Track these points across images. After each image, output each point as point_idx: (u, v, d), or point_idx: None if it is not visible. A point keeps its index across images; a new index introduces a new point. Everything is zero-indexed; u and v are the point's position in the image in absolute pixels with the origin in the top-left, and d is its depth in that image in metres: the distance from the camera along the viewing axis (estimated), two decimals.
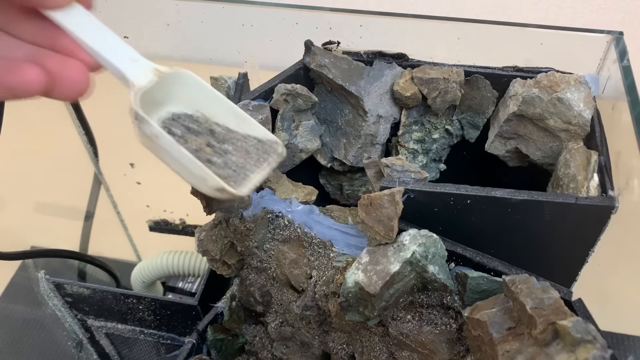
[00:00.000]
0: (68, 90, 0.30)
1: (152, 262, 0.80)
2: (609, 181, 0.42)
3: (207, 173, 0.33)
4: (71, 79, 0.30)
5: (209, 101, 0.36)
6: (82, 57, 0.31)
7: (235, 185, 0.35)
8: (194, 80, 0.36)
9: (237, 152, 0.36)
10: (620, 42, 0.50)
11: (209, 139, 0.36)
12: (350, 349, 0.50)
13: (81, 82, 0.31)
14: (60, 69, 0.30)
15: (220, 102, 0.36)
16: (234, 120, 0.37)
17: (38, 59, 0.30)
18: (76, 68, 0.31)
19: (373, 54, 0.53)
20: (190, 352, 0.55)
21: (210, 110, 0.36)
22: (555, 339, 0.32)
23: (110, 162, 0.87)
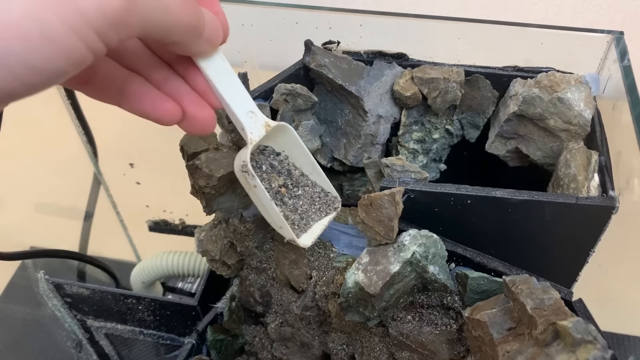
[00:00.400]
0: (196, 128, 0.34)
1: (151, 262, 0.79)
2: (609, 181, 0.42)
3: (286, 226, 0.40)
4: (201, 119, 0.34)
5: (293, 146, 0.42)
6: (212, 100, 0.35)
7: (298, 231, 0.42)
8: (291, 133, 0.41)
9: (305, 198, 0.43)
10: (621, 42, 0.49)
11: (286, 180, 0.42)
12: (350, 349, 0.50)
13: (209, 124, 0.35)
14: (194, 110, 0.34)
15: (302, 151, 0.42)
16: (309, 168, 0.43)
17: (176, 93, 0.34)
18: (207, 111, 0.35)
19: (373, 54, 0.53)
20: (190, 353, 0.55)
21: (292, 153, 0.43)
22: (555, 340, 0.31)
23: (110, 162, 0.87)
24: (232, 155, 0.45)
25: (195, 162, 0.43)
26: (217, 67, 0.34)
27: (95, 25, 0.23)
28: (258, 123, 0.38)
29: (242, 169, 0.39)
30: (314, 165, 0.43)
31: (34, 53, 0.22)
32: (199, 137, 0.45)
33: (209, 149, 0.44)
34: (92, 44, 0.24)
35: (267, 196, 0.39)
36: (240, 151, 0.39)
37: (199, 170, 0.43)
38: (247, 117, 0.38)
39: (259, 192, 0.40)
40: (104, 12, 0.23)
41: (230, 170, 0.44)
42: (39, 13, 0.22)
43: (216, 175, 0.44)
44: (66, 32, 0.23)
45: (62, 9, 0.22)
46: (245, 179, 0.40)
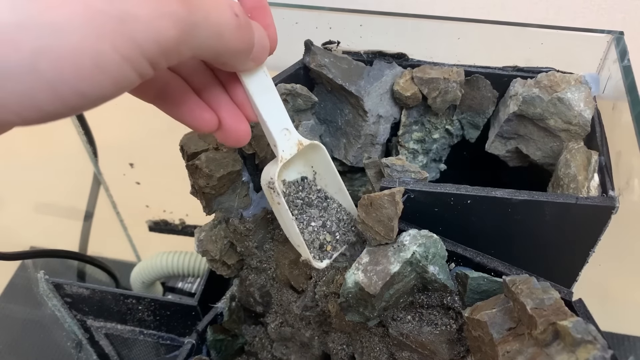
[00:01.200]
0: (230, 140, 0.34)
1: (151, 262, 0.79)
2: (609, 181, 0.42)
3: (303, 246, 0.41)
4: (236, 132, 0.34)
5: (322, 164, 0.43)
6: (249, 113, 0.35)
7: (316, 253, 0.42)
8: (322, 152, 0.42)
9: (328, 225, 0.43)
10: (621, 42, 0.49)
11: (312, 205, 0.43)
12: (350, 349, 0.50)
13: (243, 137, 0.35)
14: (230, 122, 0.34)
15: (330, 170, 0.43)
16: (335, 188, 0.43)
17: (215, 102, 0.34)
18: (243, 125, 0.35)
19: (373, 54, 0.53)
20: (190, 353, 0.55)
21: (320, 170, 0.43)
22: (555, 340, 0.31)
23: (110, 162, 0.87)
24: (232, 155, 0.45)
25: (195, 162, 0.43)
26: (258, 82, 0.34)
27: (148, 55, 0.24)
28: (291, 141, 0.38)
29: (269, 185, 0.39)
30: (341, 186, 0.43)
31: (85, 81, 0.22)
32: (199, 137, 0.45)
33: (209, 149, 0.44)
34: (142, 71, 0.24)
35: (290, 215, 0.40)
36: (270, 166, 0.39)
37: (199, 170, 0.43)
38: (281, 135, 0.38)
39: (282, 210, 0.40)
40: (158, 42, 0.23)
41: (230, 170, 0.44)
42: (95, 45, 0.22)
43: (216, 175, 0.44)
44: (119, 62, 0.23)
45: (118, 40, 0.22)
46: (270, 194, 0.40)
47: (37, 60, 0.21)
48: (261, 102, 0.35)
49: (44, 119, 0.24)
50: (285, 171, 0.41)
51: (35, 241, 0.92)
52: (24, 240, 0.93)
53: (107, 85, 0.23)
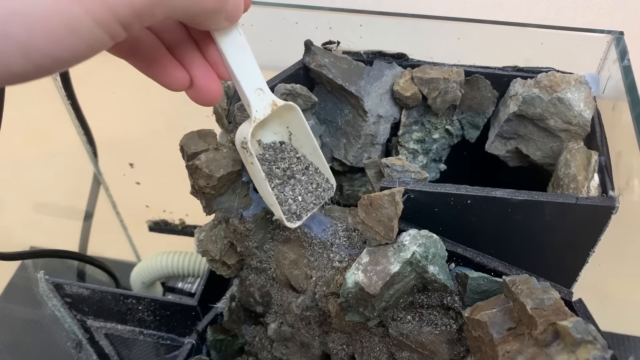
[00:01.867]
0: (202, 99, 0.34)
1: (151, 262, 0.79)
2: (609, 181, 0.42)
3: (276, 205, 0.41)
4: (208, 91, 0.34)
5: (297, 126, 0.42)
6: (221, 72, 0.35)
7: (289, 215, 0.42)
8: (297, 113, 0.41)
9: (302, 185, 0.43)
10: (621, 42, 0.49)
11: (286, 166, 0.43)
12: (350, 349, 0.50)
13: (215, 97, 0.35)
14: (202, 81, 0.34)
15: (305, 131, 0.42)
16: (309, 149, 0.43)
17: (188, 60, 0.34)
18: (215, 84, 0.34)
19: (373, 54, 0.53)
20: (190, 353, 0.55)
21: (295, 131, 0.43)
22: (555, 340, 0.31)
23: (110, 162, 0.87)
24: (232, 155, 0.45)
25: (195, 162, 0.43)
26: (232, 41, 0.34)
27: (121, 18, 0.23)
28: (265, 101, 0.38)
29: (242, 145, 0.39)
30: (315, 147, 0.43)
31: (58, 45, 0.22)
32: (199, 137, 0.45)
33: (209, 149, 0.44)
34: (115, 34, 0.24)
35: (262, 175, 0.40)
36: (243, 126, 0.39)
37: (199, 170, 0.43)
38: (255, 94, 0.37)
39: (255, 170, 0.40)
40: (132, 6, 0.23)
41: (230, 170, 0.44)
42: (68, 8, 0.22)
43: (216, 175, 0.44)
44: (92, 26, 0.23)
45: (90, 3, 0.22)
46: (244, 154, 0.40)
47: (8, 25, 0.21)
48: (235, 61, 0.35)
49: (15, 81, 0.23)
50: (260, 131, 0.41)
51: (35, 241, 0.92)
52: (24, 240, 0.93)
53: (79, 48, 0.23)
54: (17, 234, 0.96)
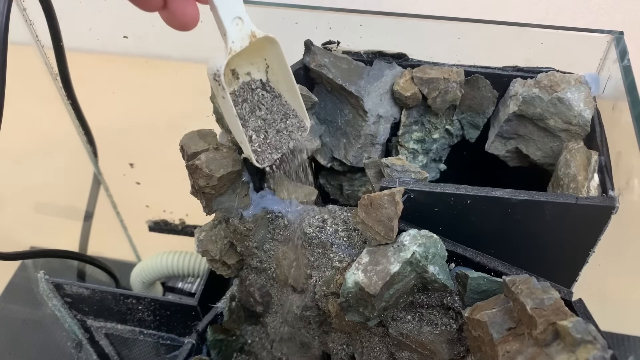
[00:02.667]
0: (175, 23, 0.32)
1: (151, 262, 0.79)
2: (609, 181, 0.42)
3: (246, 143, 0.39)
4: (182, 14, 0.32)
5: (275, 59, 0.40)
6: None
7: (260, 152, 0.41)
8: (277, 46, 0.39)
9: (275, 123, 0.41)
10: (621, 42, 0.49)
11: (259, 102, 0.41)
12: (350, 349, 0.50)
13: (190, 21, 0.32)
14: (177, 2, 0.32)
15: (283, 66, 0.40)
16: (286, 86, 0.41)
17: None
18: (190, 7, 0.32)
19: (373, 54, 0.53)
20: (190, 353, 0.55)
21: (273, 65, 0.40)
22: (555, 339, 0.31)
23: (110, 162, 0.87)
24: (232, 155, 0.45)
25: (195, 162, 0.43)
26: None
27: None
28: (243, 32, 0.36)
29: (215, 77, 0.37)
30: (292, 84, 0.41)
31: None
32: (199, 137, 0.45)
33: (209, 149, 0.44)
34: None
35: (234, 111, 0.38)
36: (217, 57, 0.37)
37: (199, 170, 0.43)
38: (233, 23, 0.35)
39: (226, 105, 0.38)
40: None
41: (230, 170, 0.44)
42: None
43: (216, 175, 0.44)
44: None
45: None
46: (216, 87, 0.38)
47: None
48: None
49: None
50: (236, 59, 0.38)
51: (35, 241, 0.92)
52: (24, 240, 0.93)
53: None
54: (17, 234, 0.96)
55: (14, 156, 0.89)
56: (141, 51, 0.74)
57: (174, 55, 0.72)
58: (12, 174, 0.92)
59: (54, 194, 0.96)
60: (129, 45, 0.71)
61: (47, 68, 0.71)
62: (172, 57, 0.73)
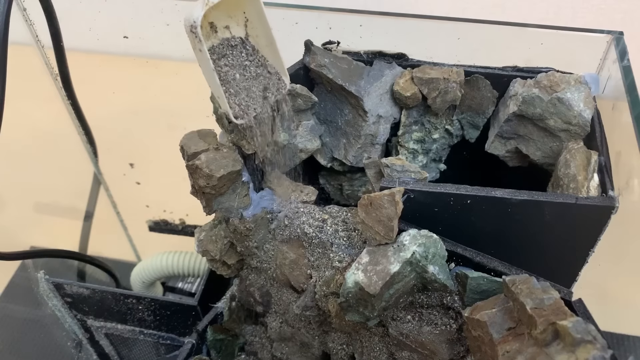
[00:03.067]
0: None
1: (151, 262, 0.79)
2: (609, 181, 0.42)
3: (223, 98, 0.39)
4: None
5: (255, 13, 0.40)
6: None
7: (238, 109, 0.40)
8: (256, 1, 0.39)
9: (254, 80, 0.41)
10: (621, 42, 0.49)
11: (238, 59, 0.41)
12: (350, 349, 0.50)
13: None
14: None
15: (263, 22, 0.40)
16: (265, 41, 0.41)
17: None
18: None
19: (373, 54, 0.53)
20: (190, 353, 0.55)
21: (252, 19, 0.40)
22: (555, 339, 0.31)
23: (110, 162, 0.87)
24: (232, 155, 0.45)
25: (195, 162, 0.43)
26: None
27: None
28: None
29: (192, 29, 0.36)
30: (272, 40, 0.41)
31: None
32: (199, 137, 0.45)
33: (209, 149, 0.44)
34: None
35: (211, 65, 0.38)
36: (194, 7, 0.36)
37: (199, 170, 0.43)
38: None
39: (203, 59, 0.38)
40: None
41: (230, 170, 0.44)
42: None
43: (216, 175, 0.44)
44: None
45: None
46: (193, 39, 0.37)
47: None
48: None
49: None
50: (213, 12, 0.38)
51: (35, 241, 0.92)
52: (24, 240, 0.93)
53: None
54: (17, 234, 0.96)
55: (14, 156, 0.89)
56: (141, 51, 0.74)
57: (174, 55, 0.72)
58: (12, 174, 0.92)
59: (54, 194, 0.96)
60: (129, 45, 0.71)
61: (47, 68, 0.71)
62: (172, 57, 0.73)
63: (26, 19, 0.66)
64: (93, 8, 0.65)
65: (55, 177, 0.93)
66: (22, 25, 0.66)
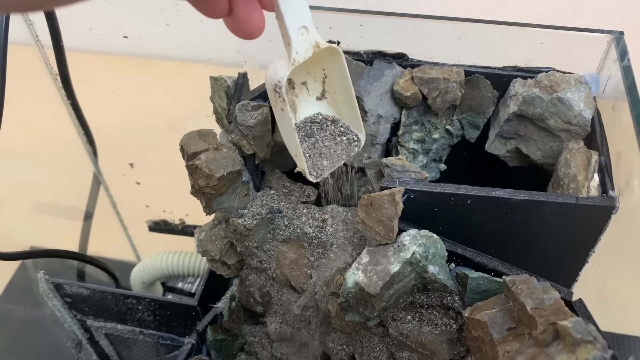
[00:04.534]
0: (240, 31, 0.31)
1: (151, 262, 0.79)
2: (609, 181, 0.42)
3: (301, 156, 0.39)
4: (250, 21, 0.31)
5: (336, 71, 0.39)
6: (265, 1, 0.32)
7: (311, 169, 0.40)
8: (340, 57, 0.38)
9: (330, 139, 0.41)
10: (621, 42, 0.49)
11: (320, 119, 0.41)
12: (350, 349, 0.50)
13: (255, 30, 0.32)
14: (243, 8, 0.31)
15: (344, 78, 0.39)
16: (344, 97, 0.41)
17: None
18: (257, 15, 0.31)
19: (373, 54, 0.53)
20: (190, 353, 0.55)
21: (333, 76, 0.40)
22: (555, 340, 0.31)
23: (110, 162, 0.87)
24: (232, 155, 0.45)
25: (195, 162, 0.43)
26: None
27: None
28: (307, 42, 0.34)
29: (276, 88, 0.36)
30: (351, 97, 0.40)
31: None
32: (199, 137, 0.45)
33: (209, 149, 0.44)
34: None
35: (292, 125, 0.37)
36: (278, 66, 0.36)
37: (199, 170, 0.43)
38: (298, 33, 0.34)
39: (284, 117, 0.37)
40: None
41: (230, 170, 0.44)
42: None
43: (216, 175, 0.44)
44: None
45: None
46: (275, 98, 0.37)
47: None
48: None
49: None
50: (294, 70, 0.37)
51: (35, 241, 0.92)
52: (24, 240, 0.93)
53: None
54: (17, 234, 0.96)
55: (14, 156, 0.89)
56: (141, 51, 0.74)
57: (174, 55, 0.72)
58: (12, 174, 0.92)
59: (54, 194, 0.96)
60: (129, 45, 0.71)
61: (47, 68, 0.71)
62: (172, 57, 0.73)
63: (26, 19, 0.66)
64: (93, 8, 0.65)
65: (55, 177, 0.93)
66: (22, 25, 0.66)
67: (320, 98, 0.42)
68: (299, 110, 0.42)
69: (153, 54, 0.75)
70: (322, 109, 0.42)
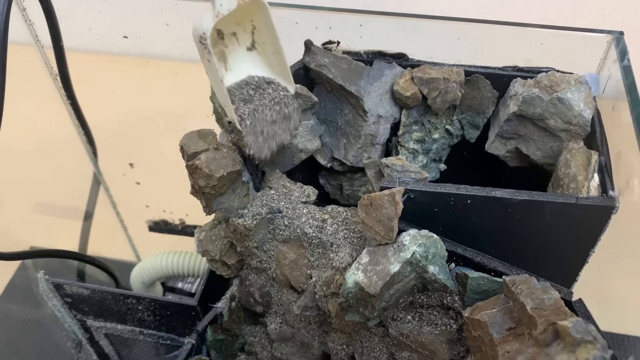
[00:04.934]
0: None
1: (151, 262, 0.79)
2: (609, 181, 0.42)
3: (230, 106, 0.39)
4: None
5: (263, 24, 0.40)
6: None
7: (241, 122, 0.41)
8: (265, 9, 0.39)
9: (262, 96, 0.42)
10: (621, 42, 0.49)
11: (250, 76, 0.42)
12: (350, 349, 0.50)
13: None
14: None
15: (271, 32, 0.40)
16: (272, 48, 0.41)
17: None
18: None
19: (373, 54, 0.53)
20: (190, 353, 0.55)
21: (260, 28, 0.40)
22: (555, 340, 0.31)
23: (110, 162, 0.87)
24: (232, 155, 0.45)
25: (195, 162, 0.43)
26: None
27: None
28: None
29: (201, 40, 0.36)
30: (279, 48, 0.41)
31: None
32: (199, 137, 0.45)
33: (209, 149, 0.44)
34: None
35: (219, 75, 0.38)
36: (204, 19, 0.36)
37: (199, 170, 0.43)
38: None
39: (212, 68, 0.38)
40: None
41: (230, 170, 0.44)
42: None
43: (216, 175, 0.44)
44: None
45: None
46: (201, 50, 0.37)
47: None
48: None
49: None
50: (222, 20, 0.37)
51: (35, 241, 0.92)
52: (24, 240, 0.93)
53: None
54: (17, 234, 0.96)
55: (14, 156, 0.89)
56: (141, 51, 0.74)
57: (174, 55, 0.72)
58: (12, 174, 0.92)
59: (54, 194, 0.96)
60: (129, 45, 0.71)
61: (47, 68, 0.71)
62: (172, 57, 0.73)
63: (26, 18, 0.66)
64: (93, 8, 0.65)
65: (55, 177, 0.93)
66: (22, 25, 0.66)
67: (251, 49, 0.43)
68: (230, 60, 0.42)
69: (153, 54, 0.75)
70: (252, 59, 0.43)
